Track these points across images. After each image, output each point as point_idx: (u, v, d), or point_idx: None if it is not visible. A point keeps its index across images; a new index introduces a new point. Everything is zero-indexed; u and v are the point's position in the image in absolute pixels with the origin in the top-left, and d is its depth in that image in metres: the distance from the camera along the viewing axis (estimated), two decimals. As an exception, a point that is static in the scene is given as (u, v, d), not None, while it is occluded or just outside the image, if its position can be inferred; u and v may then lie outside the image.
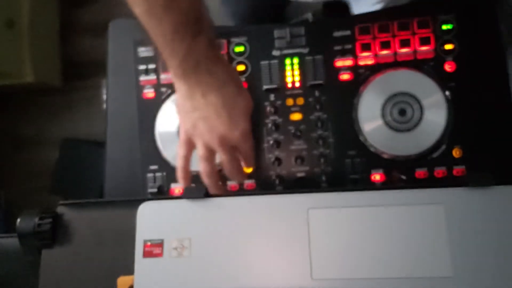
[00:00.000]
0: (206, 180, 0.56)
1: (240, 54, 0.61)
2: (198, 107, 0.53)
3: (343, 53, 0.59)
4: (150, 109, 0.61)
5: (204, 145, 0.54)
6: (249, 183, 0.59)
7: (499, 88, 0.56)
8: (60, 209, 0.49)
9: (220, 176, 0.57)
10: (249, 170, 0.58)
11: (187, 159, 0.56)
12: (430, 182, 0.56)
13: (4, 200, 1.50)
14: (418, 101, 0.56)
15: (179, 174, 0.56)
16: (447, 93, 0.56)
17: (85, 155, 1.46)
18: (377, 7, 0.72)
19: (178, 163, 0.56)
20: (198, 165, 0.55)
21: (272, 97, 0.60)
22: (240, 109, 0.54)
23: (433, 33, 0.58)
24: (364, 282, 0.42)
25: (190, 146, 0.55)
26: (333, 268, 0.43)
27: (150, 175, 0.60)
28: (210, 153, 0.54)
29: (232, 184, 0.59)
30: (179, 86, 0.54)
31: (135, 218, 0.46)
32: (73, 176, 1.45)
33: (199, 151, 0.55)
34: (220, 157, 0.55)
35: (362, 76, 0.58)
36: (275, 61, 0.60)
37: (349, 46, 0.59)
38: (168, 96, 0.61)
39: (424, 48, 0.57)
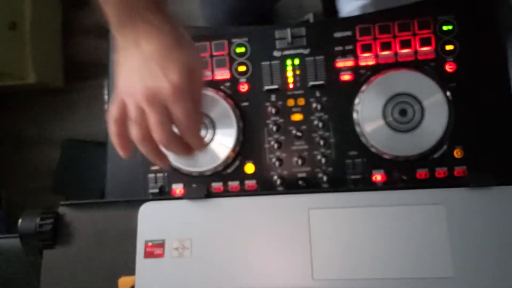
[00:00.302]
0: (140, 148, 0.48)
1: (241, 55, 0.61)
2: (130, 57, 0.47)
3: (344, 54, 0.59)
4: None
5: (135, 105, 0.46)
6: (250, 183, 0.59)
7: (499, 88, 0.56)
8: (61, 210, 0.49)
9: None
10: (250, 170, 0.59)
11: (120, 122, 0.48)
12: (431, 183, 0.56)
13: (5, 200, 1.50)
14: (419, 102, 0.56)
15: (114, 141, 0.48)
16: (448, 93, 0.56)
17: (87, 156, 1.46)
18: (360, 3, 0.71)
19: (110, 129, 0.48)
20: (130, 130, 0.48)
21: (273, 97, 0.60)
22: (175, 61, 0.46)
23: (434, 34, 0.58)
24: (365, 283, 0.42)
25: (122, 107, 0.48)
26: (334, 268, 0.43)
27: (151, 175, 0.60)
28: (142, 114, 0.46)
29: (233, 184, 0.59)
30: (116, 39, 0.48)
31: (136, 218, 0.47)
32: (75, 176, 1.45)
33: (130, 112, 0.47)
34: (149, 119, 0.46)
35: (363, 76, 0.58)
36: (276, 62, 0.60)
37: (350, 47, 0.59)
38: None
39: (424, 48, 0.57)
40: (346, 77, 0.59)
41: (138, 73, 0.46)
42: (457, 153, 0.56)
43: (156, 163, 0.50)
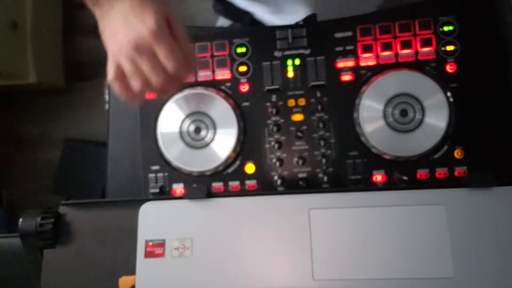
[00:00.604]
0: (144, 95, 0.54)
1: (242, 55, 0.61)
2: (110, 20, 0.52)
3: (345, 54, 0.59)
4: (152, 109, 0.61)
5: (128, 59, 0.51)
6: (251, 183, 0.59)
7: (500, 88, 0.56)
8: (62, 209, 0.49)
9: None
10: (251, 170, 0.59)
11: (120, 80, 0.52)
12: (432, 183, 0.56)
13: (6, 200, 1.51)
14: (419, 102, 0.56)
15: (121, 97, 0.53)
16: (449, 94, 0.56)
17: (87, 155, 1.46)
18: None
19: (115, 88, 0.53)
20: (131, 84, 0.52)
21: (273, 98, 0.60)
22: (149, 10, 0.51)
23: (435, 34, 0.58)
24: (365, 283, 0.42)
25: (118, 66, 0.52)
26: (334, 268, 0.43)
27: (151, 175, 0.60)
28: (136, 66, 0.51)
29: (234, 184, 0.59)
30: (95, 12, 0.54)
31: (136, 218, 0.47)
32: (75, 176, 1.46)
33: (125, 69, 0.52)
34: (142, 68, 0.51)
35: (364, 77, 0.58)
36: (277, 62, 0.60)
37: (350, 47, 0.59)
38: (170, 96, 0.61)
39: (425, 49, 0.57)
40: (346, 77, 0.59)
41: (121, 30, 0.51)
42: (458, 154, 0.56)
43: (164, 97, 0.57)
